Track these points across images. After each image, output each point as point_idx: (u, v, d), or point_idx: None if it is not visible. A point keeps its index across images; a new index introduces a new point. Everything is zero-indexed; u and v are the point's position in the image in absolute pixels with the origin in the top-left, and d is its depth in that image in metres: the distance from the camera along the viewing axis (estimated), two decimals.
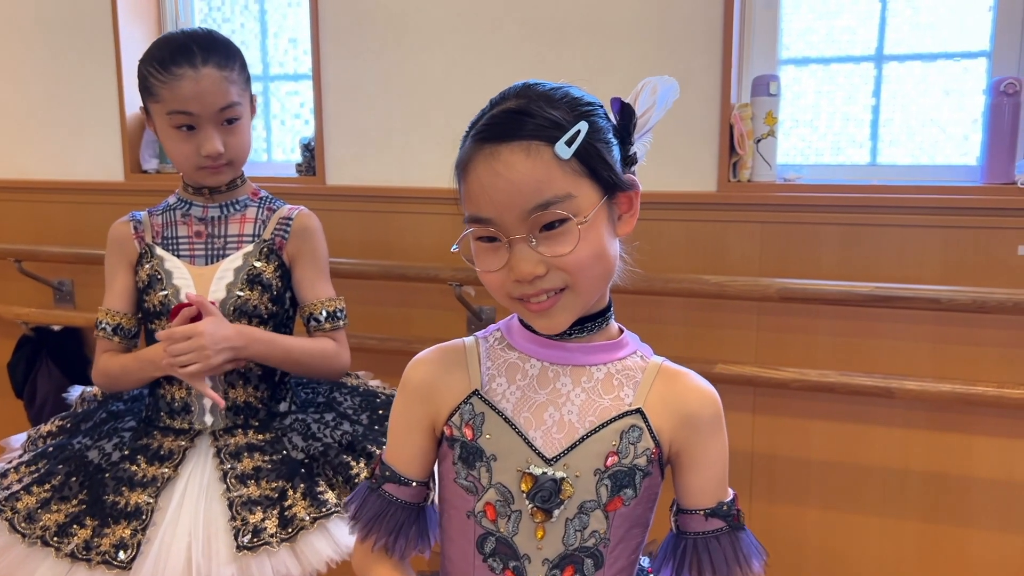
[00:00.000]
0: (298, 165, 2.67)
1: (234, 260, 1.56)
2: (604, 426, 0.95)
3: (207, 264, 1.56)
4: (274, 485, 1.45)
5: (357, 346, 1.90)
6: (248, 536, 1.38)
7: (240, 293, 1.53)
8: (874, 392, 1.98)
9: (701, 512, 0.99)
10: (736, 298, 2.10)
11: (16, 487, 1.50)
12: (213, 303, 1.50)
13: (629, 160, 0.97)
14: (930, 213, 2.00)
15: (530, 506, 0.94)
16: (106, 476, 1.49)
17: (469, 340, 1.03)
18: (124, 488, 1.46)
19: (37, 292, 2.93)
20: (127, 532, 1.39)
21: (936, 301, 1.90)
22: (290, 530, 1.39)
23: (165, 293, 1.54)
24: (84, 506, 1.45)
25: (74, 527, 1.42)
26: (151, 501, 1.43)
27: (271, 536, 1.38)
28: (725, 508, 0.99)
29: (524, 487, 0.94)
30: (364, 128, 2.51)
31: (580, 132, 0.89)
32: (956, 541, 2.09)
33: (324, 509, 1.42)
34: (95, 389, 1.76)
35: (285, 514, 1.41)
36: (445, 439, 1.00)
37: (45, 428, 1.68)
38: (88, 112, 2.86)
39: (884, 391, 1.96)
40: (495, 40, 2.34)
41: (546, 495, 0.93)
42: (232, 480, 1.46)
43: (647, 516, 1.00)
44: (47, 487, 1.48)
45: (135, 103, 2.76)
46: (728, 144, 2.15)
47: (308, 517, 1.40)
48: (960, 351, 2.01)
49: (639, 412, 0.96)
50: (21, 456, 1.61)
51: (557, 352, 0.97)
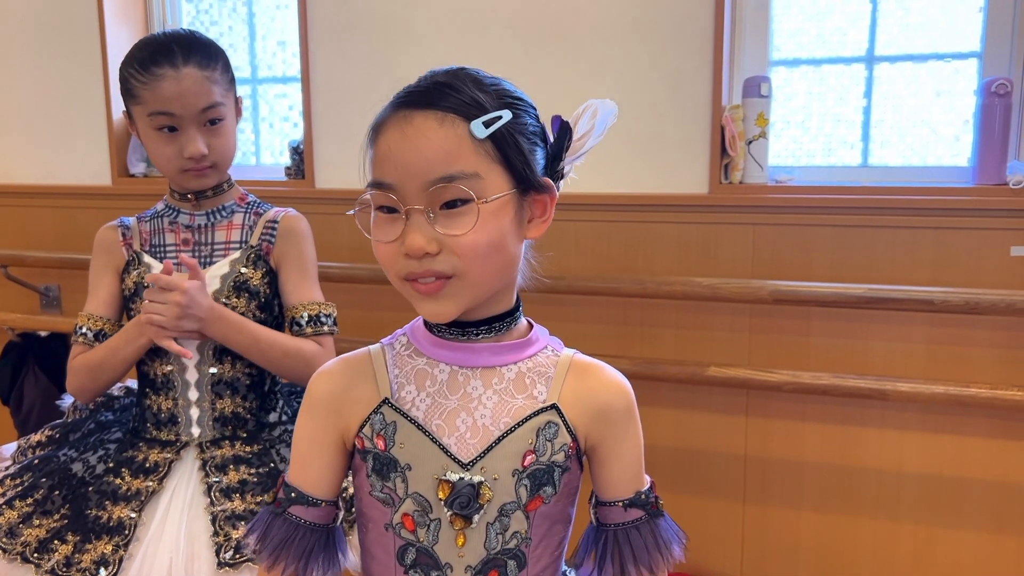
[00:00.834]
0: (287, 168, 2.65)
1: (221, 267, 1.53)
2: (519, 425, 0.92)
3: None
4: (259, 499, 1.42)
5: (348, 351, 1.88)
6: (230, 552, 1.35)
7: (226, 300, 1.50)
8: (867, 394, 1.97)
9: (620, 503, 0.98)
10: (728, 300, 2.09)
11: None
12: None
13: (555, 175, 0.96)
14: (922, 214, 2.00)
15: (449, 513, 0.91)
16: (89, 490, 1.46)
17: (375, 347, 0.99)
18: (107, 502, 1.43)
19: (23, 298, 2.90)
20: (109, 548, 1.37)
21: (929, 303, 1.89)
22: None
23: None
24: (66, 521, 1.42)
25: (55, 542, 1.39)
26: (134, 516, 1.41)
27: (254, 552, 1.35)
28: (643, 497, 0.98)
29: (442, 495, 0.91)
30: (354, 131, 2.49)
31: (501, 117, 0.87)
32: (950, 543, 2.08)
33: None
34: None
35: None
36: (357, 451, 0.96)
37: (35, 438, 1.65)
38: (75, 116, 2.83)
39: (877, 393, 1.95)
40: (485, 42, 2.33)
41: (464, 501, 0.91)
42: (216, 494, 1.43)
43: (568, 512, 0.98)
44: (29, 501, 1.45)
45: (122, 107, 2.73)
46: (719, 146, 2.14)
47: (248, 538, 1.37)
48: (953, 352, 2.01)
49: (554, 408, 0.94)
50: (8, 468, 1.58)
51: (465, 355, 0.94)
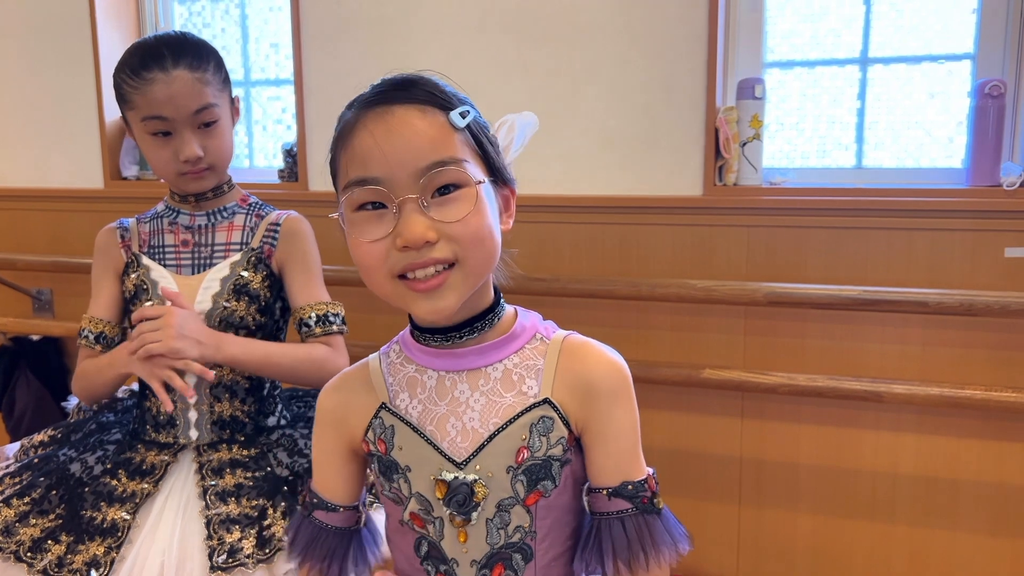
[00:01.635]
0: (280, 171, 2.64)
1: (220, 270, 1.52)
2: (511, 422, 0.91)
3: (194, 273, 1.53)
4: (254, 503, 1.41)
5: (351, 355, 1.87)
6: (223, 556, 1.34)
7: (226, 304, 1.49)
8: (863, 396, 1.97)
9: (604, 491, 0.92)
10: (723, 303, 2.09)
11: None
12: (200, 315, 1.48)
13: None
14: (916, 216, 2.00)
15: (448, 512, 0.92)
16: (86, 491, 1.46)
17: (373, 358, 1.01)
18: (103, 503, 1.43)
19: (15, 301, 2.88)
20: (101, 549, 1.37)
21: (924, 304, 1.89)
22: (267, 550, 1.35)
23: (151, 303, 1.50)
24: (61, 521, 1.42)
25: (49, 542, 1.39)
26: (128, 518, 1.40)
27: (247, 557, 1.34)
28: (631, 488, 0.92)
29: (439, 494, 0.92)
30: None
31: (471, 111, 0.88)
32: (946, 544, 2.08)
33: None
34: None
35: (264, 533, 1.37)
36: (366, 455, 0.99)
37: (38, 437, 1.65)
38: (67, 119, 2.82)
39: (873, 395, 1.95)
40: (478, 44, 2.32)
41: (461, 499, 0.91)
42: (211, 497, 1.42)
43: (578, 502, 0.96)
44: (27, 500, 1.45)
45: (114, 109, 2.72)
46: (714, 148, 2.14)
47: (287, 537, 1.37)
48: (948, 354, 2.00)
49: (547, 402, 0.92)
50: (8, 467, 1.58)
51: (450, 360, 0.94)
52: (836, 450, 2.13)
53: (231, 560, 1.33)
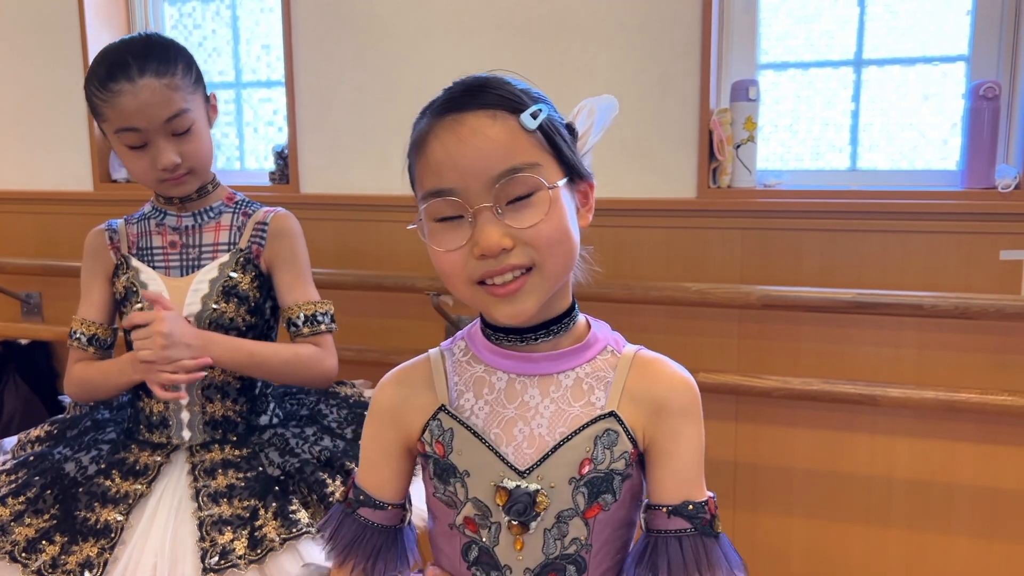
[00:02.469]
0: (271, 173, 2.62)
1: (209, 271, 1.51)
2: (576, 433, 0.91)
3: (182, 275, 1.53)
4: (246, 504, 1.42)
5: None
6: (216, 558, 1.34)
7: (215, 305, 1.49)
8: (857, 400, 1.96)
9: (665, 508, 0.92)
10: (717, 306, 2.07)
11: None
12: (188, 319, 1.47)
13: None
14: (911, 218, 1.99)
15: (507, 519, 0.92)
16: (80, 491, 1.47)
17: (434, 353, 1.00)
18: (96, 504, 1.44)
19: (4, 305, 2.86)
20: (94, 550, 1.37)
21: (919, 307, 1.88)
22: (259, 551, 1.35)
23: (141, 306, 1.50)
24: (55, 521, 1.43)
25: (43, 543, 1.40)
26: (121, 519, 1.41)
27: (239, 558, 1.34)
28: (691, 508, 0.92)
29: (499, 501, 0.92)
30: (339, 135, 2.47)
31: (543, 110, 0.87)
32: (941, 548, 2.07)
33: (295, 529, 1.38)
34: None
35: (255, 534, 1.37)
36: (420, 455, 0.99)
37: (34, 433, 1.66)
38: (56, 121, 2.80)
39: (868, 399, 1.94)
40: (472, 46, 2.31)
41: (521, 508, 0.91)
42: (204, 498, 1.42)
43: (632, 516, 0.96)
44: (22, 499, 1.46)
45: None
46: (708, 150, 2.13)
47: (278, 538, 1.36)
48: (943, 357, 2.00)
49: (612, 415, 0.92)
50: (4, 463, 1.59)
51: (523, 363, 0.94)
52: (831, 454, 2.12)
53: (223, 561, 1.34)
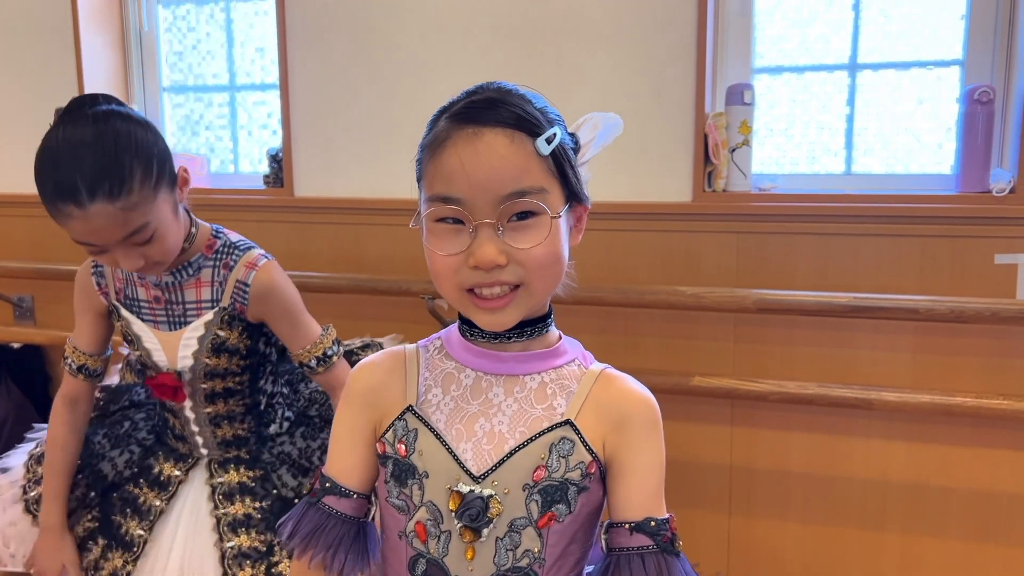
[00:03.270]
0: (265, 176, 2.61)
1: (196, 328, 1.48)
2: (533, 439, 0.93)
3: (171, 330, 1.50)
4: (262, 538, 1.47)
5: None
6: None
7: (207, 360, 1.48)
8: (853, 404, 1.96)
9: (627, 525, 0.92)
10: (713, 309, 2.07)
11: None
12: (184, 371, 1.50)
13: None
14: (906, 222, 1.99)
15: (459, 525, 0.92)
16: (115, 496, 1.55)
17: (410, 349, 1.01)
18: (128, 511, 1.52)
19: None
20: (120, 562, 1.47)
21: (914, 311, 1.88)
22: None
23: (139, 353, 1.54)
24: (97, 524, 1.54)
25: (90, 543, 1.53)
26: (143, 534, 1.48)
27: None
28: (653, 525, 0.92)
29: (452, 505, 0.92)
30: (333, 138, 2.47)
31: (558, 135, 0.90)
32: (936, 552, 2.07)
33: None
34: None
35: (272, 571, 1.44)
36: (378, 456, 0.98)
37: None
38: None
39: (863, 403, 1.94)
40: (466, 49, 2.30)
41: (474, 513, 0.91)
42: (225, 528, 1.47)
43: (587, 534, 0.96)
44: (73, 497, 1.56)
45: None
46: (703, 154, 2.13)
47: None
48: (939, 361, 2.00)
49: (569, 424, 0.93)
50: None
51: (492, 362, 0.96)
52: (826, 458, 2.12)
53: None
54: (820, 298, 1.96)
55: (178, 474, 1.54)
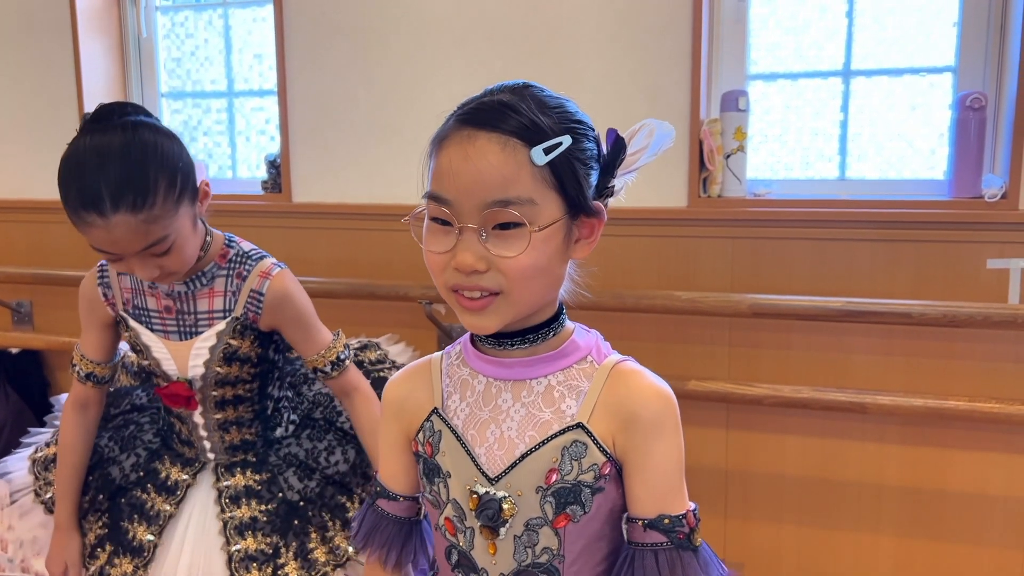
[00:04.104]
0: (264, 182, 2.62)
1: (208, 338, 1.47)
2: (544, 443, 0.93)
3: (181, 340, 1.49)
4: (268, 540, 1.48)
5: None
6: None
7: (219, 369, 1.48)
8: (848, 407, 1.97)
9: (641, 522, 0.92)
10: (708, 314, 2.09)
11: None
12: (195, 380, 1.50)
13: (606, 191, 0.98)
14: (899, 227, 2.01)
15: (479, 524, 0.95)
16: (122, 501, 1.56)
17: (436, 357, 1.04)
18: (136, 516, 1.53)
19: None
20: (130, 568, 1.47)
21: (908, 316, 1.90)
22: None
23: (148, 363, 1.53)
24: (106, 530, 1.54)
25: (98, 550, 1.53)
26: (153, 539, 1.49)
27: None
28: (667, 522, 0.92)
29: (471, 505, 0.95)
30: (331, 144, 2.48)
31: (562, 144, 0.88)
32: (931, 555, 2.08)
33: (314, 571, 1.47)
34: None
35: (278, 573, 1.45)
36: (414, 454, 1.02)
37: None
38: (47, 129, 2.79)
39: (858, 406, 1.95)
40: (463, 56, 2.32)
41: (491, 514, 0.93)
42: (231, 532, 1.48)
43: (609, 531, 0.96)
44: (87, 499, 1.58)
45: None
46: (698, 160, 2.14)
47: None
48: (932, 365, 2.01)
49: (580, 427, 0.92)
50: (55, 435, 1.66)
51: (499, 368, 0.96)
52: (821, 461, 2.13)
53: None
54: (814, 303, 1.98)
55: (186, 478, 1.55)
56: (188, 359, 1.48)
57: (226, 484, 1.54)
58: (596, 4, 2.19)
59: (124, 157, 1.25)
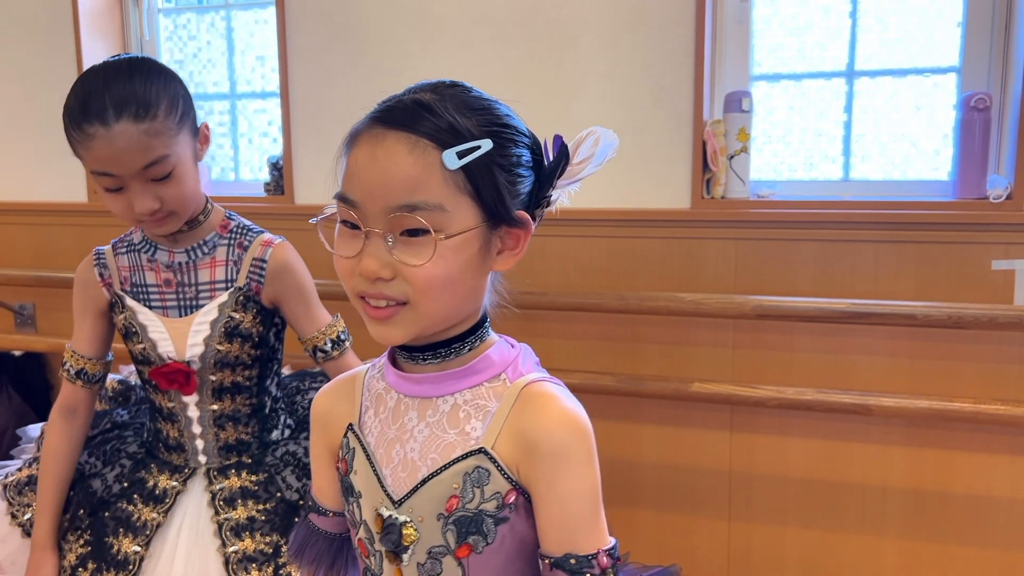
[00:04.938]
0: (266, 184, 2.62)
1: (209, 312, 1.46)
2: (446, 468, 0.86)
3: (181, 315, 1.47)
4: (268, 540, 1.44)
5: None
6: None
7: (219, 347, 1.46)
8: (851, 409, 1.96)
9: (547, 560, 0.84)
10: (712, 316, 2.08)
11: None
12: (194, 359, 1.46)
13: (540, 201, 0.91)
14: (904, 228, 2.00)
15: (383, 548, 0.91)
16: (106, 514, 1.48)
17: (363, 368, 1.00)
18: (121, 530, 1.45)
19: None
20: None
21: (912, 317, 1.89)
22: None
23: (143, 346, 1.48)
24: (89, 548, 1.45)
25: (80, 570, 1.44)
26: (139, 550, 1.43)
27: None
28: (573, 563, 0.83)
29: (376, 528, 0.91)
30: (333, 146, 2.45)
31: (479, 148, 0.82)
32: (936, 557, 2.08)
33: None
34: (111, 381, 1.72)
35: (280, 572, 1.41)
36: (336, 470, 0.99)
37: None
38: (50, 132, 2.79)
39: (862, 408, 1.95)
40: (466, 57, 2.32)
41: (393, 539, 0.89)
42: (227, 533, 1.44)
43: (522, 564, 0.89)
44: (64, 519, 1.50)
45: None
46: (701, 161, 2.14)
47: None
48: (936, 367, 2.00)
49: (483, 452, 0.85)
50: (36, 456, 1.60)
51: (409, 384, 0.91)
52: (825, 463, 2.13)
53: None
54: (818, 304, 1.97)
55: (175, 485, 1.49)
56: (187, 337, 1.45)
57: (220, 487, 1.49)
58: (599, 5, 2.18)
59: (128, 76, 1.32)
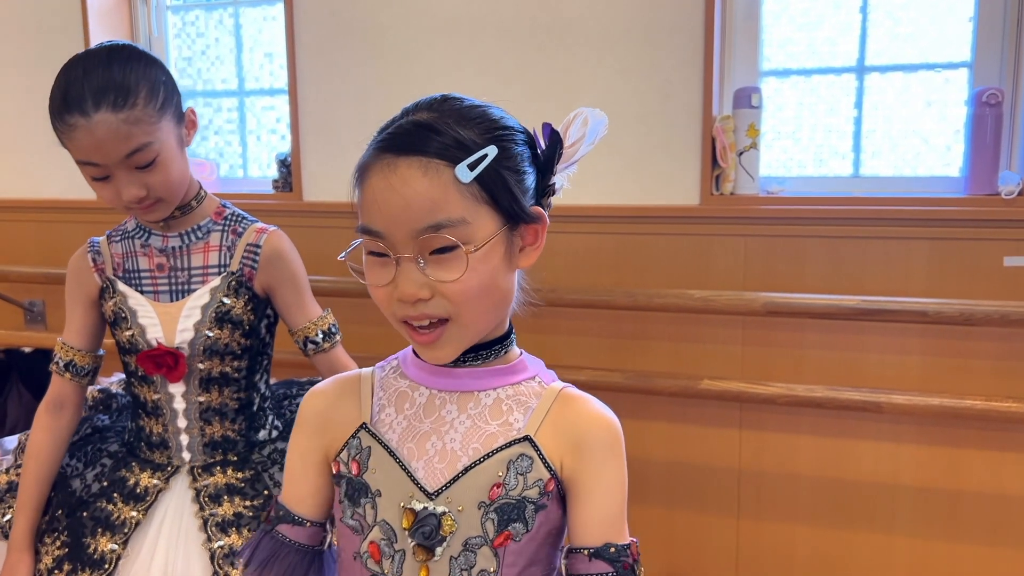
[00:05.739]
0: (275, 181, 2.63)
1: (200, 296, 1.46)
2: (489, 456, 0.89)
3: (172, 300, 1.47)
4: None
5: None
6: None
7: (209, 332, 1.45)
8: (862, 406, 1.96)
9: (586, 551, 0.89)
10: (721, 313, 2.07)
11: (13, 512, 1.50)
12: (183, 346, 1.44)
13: (546, 191, 0.94)
14: (915, 225, 1.99)
15: (412, 544, 0.89)
16: (84, 515, 1.45)
17: (367, 370, 1.00)
18: (99, 529, 1.42)
19: (7, 313, 2.86)
20: None
21: (923, 314, 1.88)
22: None
23: (131, 332, 1.46)
24: (66, 549, 1.43)
25: (56, 572, 1.42)
26: (116, 548, 1.40)
27: None
28: (613, 551, 0.88)
29: (405, 523, 0.89)
30: (341, 143, 2.47)
31: (487, 157, 0.84)
32: (947, 556, 2.07)
33: None
34: (92, 391, 1.69)
35: None
36: (333, 476, 0.96)
37: None
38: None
39: (872, 405, 1.94)
40: (474, 54, 2.31)
41: (427, 531, 0.88)
42: (213, 529, 1.41)
43: (547, 554, 0.92)
44: (43, 520, 1.47)
45: None
46: (711, 157, 2.13)
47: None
48: (948, 364, 1.99)
49: (528, 440, 0.90)
50: (16, 464, 1.57)
51: (445, 379, 0.93)
52: (835, 461, 2.12)
53: None
54: (829, 301, 1.96)
55: (157, 483, 1.46)
56: (177, 322, 1.44)
57: (204, 484, 1.47)
58: (608, 2, 2.18)
59: (107, 64, 1.33)
